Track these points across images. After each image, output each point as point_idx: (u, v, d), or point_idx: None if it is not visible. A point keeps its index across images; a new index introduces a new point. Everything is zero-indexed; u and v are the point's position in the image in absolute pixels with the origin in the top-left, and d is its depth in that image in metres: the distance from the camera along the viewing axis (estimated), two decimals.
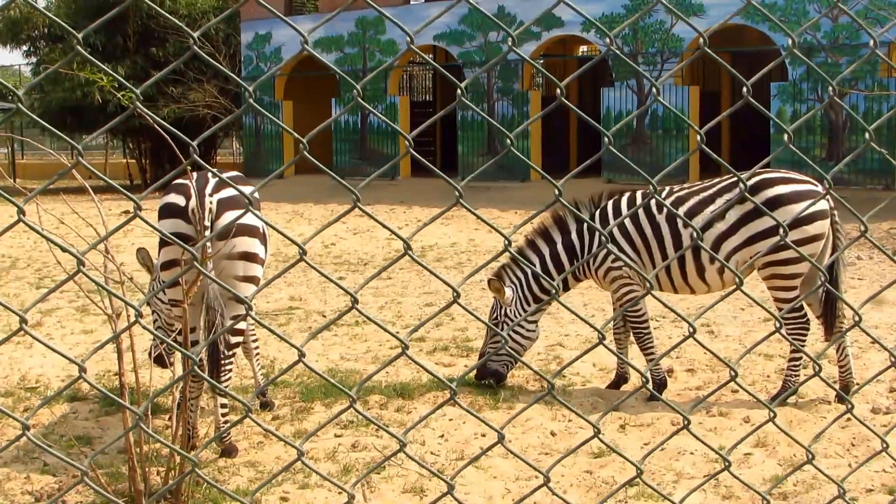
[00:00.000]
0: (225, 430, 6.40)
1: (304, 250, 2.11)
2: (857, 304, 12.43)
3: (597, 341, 2.60)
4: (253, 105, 2.07)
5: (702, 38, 2.41)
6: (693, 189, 8.79)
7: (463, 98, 2.38)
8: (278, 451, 7.55)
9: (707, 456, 7.27)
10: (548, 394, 2.60)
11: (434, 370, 8.71)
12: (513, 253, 3.08)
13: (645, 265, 8.74)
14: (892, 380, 9.13)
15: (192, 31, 7.99)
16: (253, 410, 1.97)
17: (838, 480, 6.71)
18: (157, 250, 7.45)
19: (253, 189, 3.72)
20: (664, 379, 9.03)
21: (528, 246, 9.15)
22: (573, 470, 7.06)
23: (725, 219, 8.45)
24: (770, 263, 8.43)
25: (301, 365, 8.30)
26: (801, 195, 8.34)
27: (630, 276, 8.75)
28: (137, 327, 10.83)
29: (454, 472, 6.94)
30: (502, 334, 2.58)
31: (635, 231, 8.78)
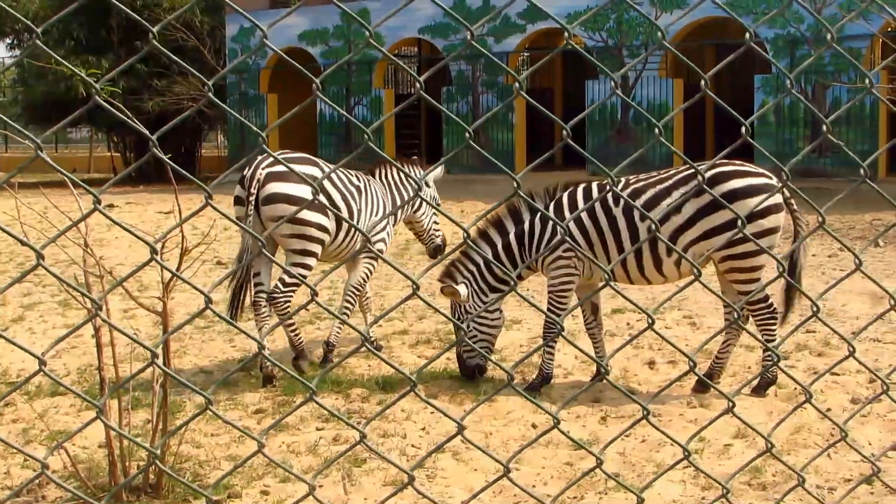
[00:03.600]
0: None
1: (263, 243, 2.11)
2: (840, 294, 12.47)
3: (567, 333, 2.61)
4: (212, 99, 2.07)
5: (661, 32, 2.41)
6: (649, 181, 8.76)
7: (422, 91, 2.38)
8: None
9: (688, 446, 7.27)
10: (507, 385, 2.61)
11: (393, 363, 8.73)
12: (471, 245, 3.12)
13: (598, 257, 8.71)
14: (872, 370, 9.16)
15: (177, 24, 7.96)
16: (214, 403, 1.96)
17: (812, 470, 6.75)
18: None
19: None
20: (551, 373, 9.00)
21: (481, 237, 9.10)
22: (553, 462, 7.08)
23: (682, 212, 8.44)
24: (728, 257, 8.45)
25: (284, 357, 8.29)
26: (756, 189, 8.35)
27: (573, 265, 8.74)
28: (121, 322, 10.84)
29: (431, 464, 6.96)
30: (462, 326, 2.58)
31: (590, 223, 8.74)
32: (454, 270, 9.07)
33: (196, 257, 6.75)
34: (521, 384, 9.03)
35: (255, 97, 37.79)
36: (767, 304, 8.54)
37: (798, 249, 8.65)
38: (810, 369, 9.28)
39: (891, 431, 7.61)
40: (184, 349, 10.41)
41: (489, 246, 8.99)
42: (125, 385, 6.85)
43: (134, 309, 11.64)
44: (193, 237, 7.76)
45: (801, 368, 9.31)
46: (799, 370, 9.25)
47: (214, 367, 9.86)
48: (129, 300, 8.73)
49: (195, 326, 11.34)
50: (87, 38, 37.23)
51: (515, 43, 31.59)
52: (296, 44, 36.45)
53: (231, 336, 11.12)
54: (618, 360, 9.62)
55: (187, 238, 6.42)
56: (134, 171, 39.35)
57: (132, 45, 37.30)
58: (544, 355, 8.93)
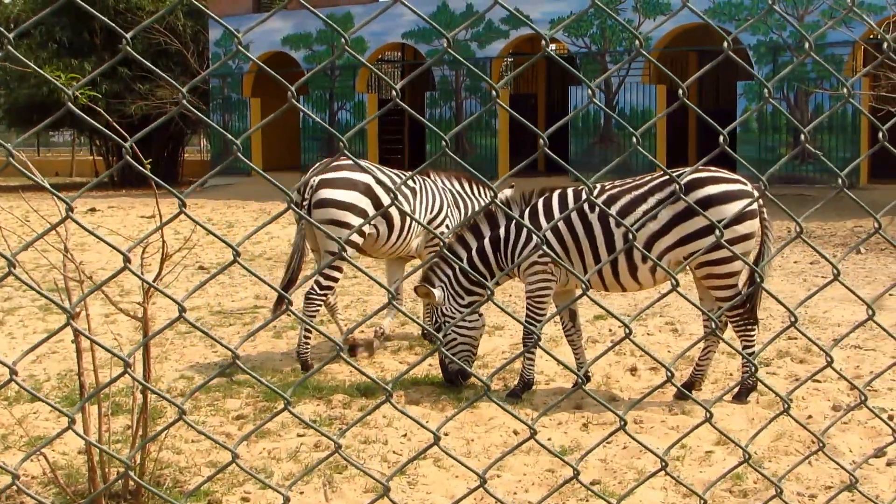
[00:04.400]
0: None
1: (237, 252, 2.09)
2: (822, 301, 12.49)
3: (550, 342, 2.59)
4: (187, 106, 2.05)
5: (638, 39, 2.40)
6: (625, 187, 8.76)
7: (398, 99, 2.37)
8: (240, 451, 7.52)
9: (669, 454, 7.27)
10: (483, 396, 2.59)
11: (367, 371, 8.71)
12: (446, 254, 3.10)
13: (574, 263, 8.70)
14: (854, 377, 9.17)
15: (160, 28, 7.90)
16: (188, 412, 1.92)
17: (794, 478, 6.75)
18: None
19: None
20: (532, 380, 9.00)
21: (458, 240, 9.10)
22: (535, 469, 7.07)
23: (658, 218, 8.44)
24: (704, 264, 8.46)
25: (266, 364, 8.27)
26: (731, 195, 8.36)
27: (550, 271, 8.73)
28: (102, 327, 10.80)
29: (412, 471, 6.94)
30: (438, 337, 2.57)
31: (566, 229, 8.73)
32: (431, 274, 9.06)
33: (177, 262, 6.72)
34: (502, 391, 9.03)
35: (238, 101, 37.75)
36: (746, 311, 8.54)
37: (763, 259, 8.67)
38: (791, 376, 9.29)
39: (871, 438, 7.61)
40: (165, 354, 10.36)
41: (464, 250, 8.98)
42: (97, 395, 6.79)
43: (115, 314, 11.60)
44: (176, 242, 7.73)
45: (783, 375, 9.32)
46: (780, 377, 9.26)
47: (196, 373, 9.81)
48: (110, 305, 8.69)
49: (176, 332, 11.30)
50: (70, 41, 37.17)
51: (499, 48, 31.62)
52: (279, 48, 36.43)
53: (212, 341, 11.08)
54: (600, 367, 9.61)
55: (169, 243, 6.39)
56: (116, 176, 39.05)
57: (115, 49, 37.13)
58: (525, 362, 8.92)
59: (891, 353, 10.03)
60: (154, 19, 2.30)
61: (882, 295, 3.12)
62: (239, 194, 32.05)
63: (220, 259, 18.06)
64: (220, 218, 26.35)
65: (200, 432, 2.50)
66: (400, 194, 10.41)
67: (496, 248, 8.91)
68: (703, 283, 8.70)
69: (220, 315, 12.78)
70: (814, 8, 25.35)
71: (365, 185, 10.01)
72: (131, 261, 2.18)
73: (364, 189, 10.01)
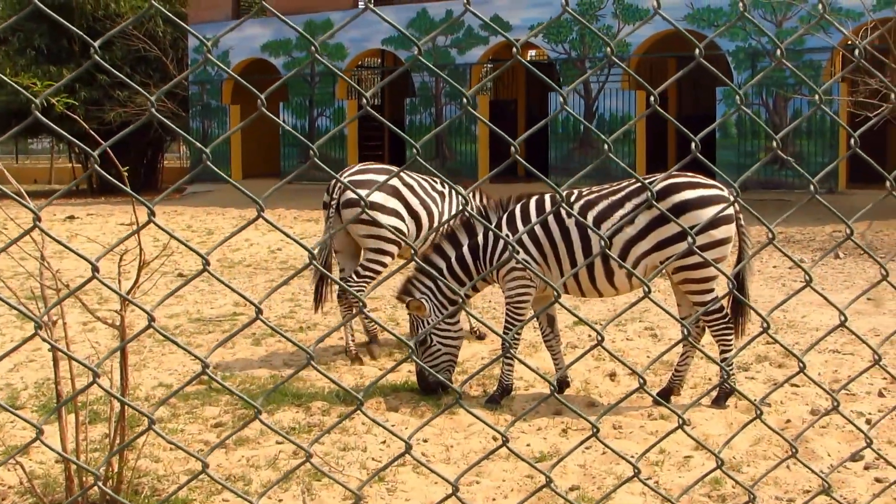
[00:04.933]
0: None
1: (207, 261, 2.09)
2: (800, 305, 12.53)
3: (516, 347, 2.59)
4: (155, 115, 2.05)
5: (609, 47, 2.41)
6: (602, 192, 8.78)
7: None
8: (219, 459, 7.50)
9: (647, 459, 7.28)
10: (455, 403, 2.59)
11: (338, 380, 8.70)
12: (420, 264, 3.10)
13: (551, 269, 8.72)
14: (832, 381, 9.20)
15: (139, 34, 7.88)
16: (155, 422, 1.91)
17: (772, 482, 6.77)
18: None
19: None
20: (511, 385, 9.00)
21: (436, 250, 9.10)
22: (514, 475, 7.06)
23: (635, 223, 8.46)
24: (681, 268, 8.48)
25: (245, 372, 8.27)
26: (707, 200, 8.40)
27: (528, 277, 8.73)
28: (81, 335, 10.76)
29: (391, 477, 6.93)
30: (410, 346, 2.56)
31: (543, 235, 8.75)
32: (412, 287, 9.05)
33: (155, 270, 6.70)
34: (481, 396, 9.03)
35: (218, 108, 37.67)
36: (722, 315, 8.56)
37: (744, 265, 8.70)
38: (770, 380, 9.31)
39: (849, 442, 7.63)
40: (143, 362, 10.33)
41: (443, 259, 8.98)
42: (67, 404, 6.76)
43: (93, 322, 11.56)
44: (155, 249, 7.71)
45: (761, 380, 9.34)
46: (759, 381, 9.28)
47: (175, 381, 9.78)
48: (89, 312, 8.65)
49: (155, 339, 11.26)
50: (48, 48, 37.06)
51: (479, 54, 31.63)
52: (259, 55, 36.37)
53: (192, 349, 11.03)
54: (579, 373, 9.61)
55: (149, 251, 6.37)
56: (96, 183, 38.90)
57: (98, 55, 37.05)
58: (504, 367, 8.92)
59: (869, 358, 10.06)
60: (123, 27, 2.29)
61: (855, 300, 3.13)
62: (219, 201, 31.99)
63: (199, 265, 17.97)
64: (199, 225, 26.30)
65: (170, 442, 2.49)
66: (429, 198, 10.85)
67: (475, 256, 8.91)
68: (680, 289, 8.71)
69: (199, 322, 12.74)
70: (792, 14, 25.44)
71: (392, 186, 10.54)
72: (99, 270, 2.17)
73: (391, 191, 10.57)
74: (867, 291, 3.08)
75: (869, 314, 12.20)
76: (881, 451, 7.45)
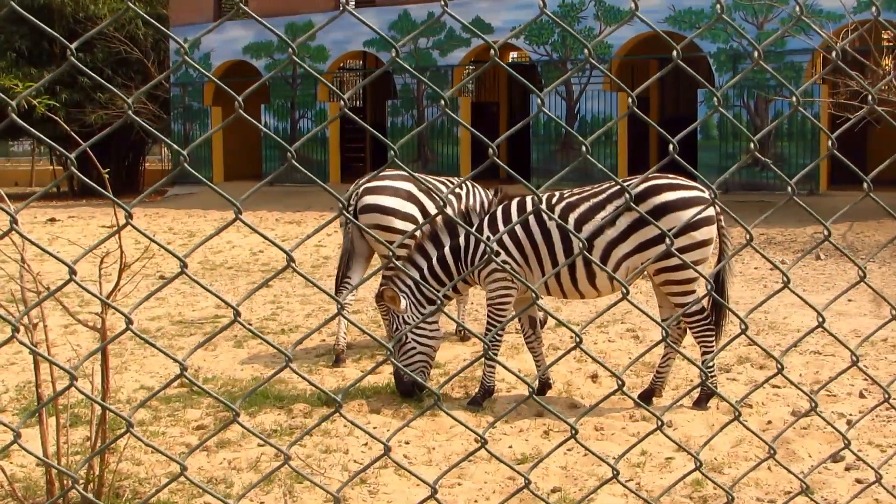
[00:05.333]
0: None
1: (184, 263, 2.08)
2: (781, 307, 12.56)
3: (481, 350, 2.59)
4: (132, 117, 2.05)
5: (588, 49, 2.41)
6: (584, 194, 8.80)
7: (447, 111, 2.37)
8: (200, 462, 7.49)
9: (629, 461, 7.29)
10: (434, 405, 2.59)
11: (318, 383, 8.68)
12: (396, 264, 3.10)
13: (533, 270, 8.73)
14: (813, 382, 9.23)
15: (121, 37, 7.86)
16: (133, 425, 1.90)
17: (753, 483, 6.79)
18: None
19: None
20: (493, 387, 9.01)
21: (417, 250, 9.11)
22: (496, 476, 7.07)
23: (616, 225, 8.47)
24: (662, 270, 8.50)
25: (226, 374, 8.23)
26: (688, 202, 8.42)
27: (510, 278, 8.73)
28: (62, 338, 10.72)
29: (373, 479, 6.93)
30: (388, 347, 2.56)
31: (525, 236, 8.76)
32: (393, 283, 9.05)
33: (136, 272, 6.68)
34: (464, 398, 9.03)
35: (200, 110, 37.59)
36: (704, 317, 8.57)
37: (724, 267, 8.73)
38: (752, 382, 9.33)
39: (830, 444, 7.65)
40: (125, 365, 10.31)
41: (425, 259, 8.99)
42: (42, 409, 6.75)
43: (75, 325, 11.52)
44: (137, 251, 7.69)
45: (743, 381, 9.36)
46: (741, 383, 9.30)
47: (157, 383, 9.76)
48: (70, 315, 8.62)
49: (136, 342, 11.24)
50: (29, 50, 36.95)
51: (460, 56, 31.62)
52: (240, 56, 36.32)
53: (173, 352, 11.03)
54: (561, 374, 9.62)
55: (131, 253, 6.36)
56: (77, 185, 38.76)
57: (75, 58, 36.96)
58: (486, 369, 8.92)
59: (849, 359, 10.08)
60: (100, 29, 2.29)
61: (833, 301, 3.14)
62: (200, 203, 31.94)
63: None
64: (181, 227, 26.25)
65: (148, 445, 2.48)
66: (445, 200, 10.68)
67: (457, 257, 8.92)
68: (661, 290, 8.73)
69: (181, 325, 12.72)
70: (773, 16, 25.51)
71: (407, 192, 10.70)
72: (76, 272, 2.16)
73: (406, 195, 10.71)
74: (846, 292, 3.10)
75: (850, 315, 12.24)
76: (861, 452, 7.49)
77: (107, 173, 5.87)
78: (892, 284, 13.64)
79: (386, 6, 32.94)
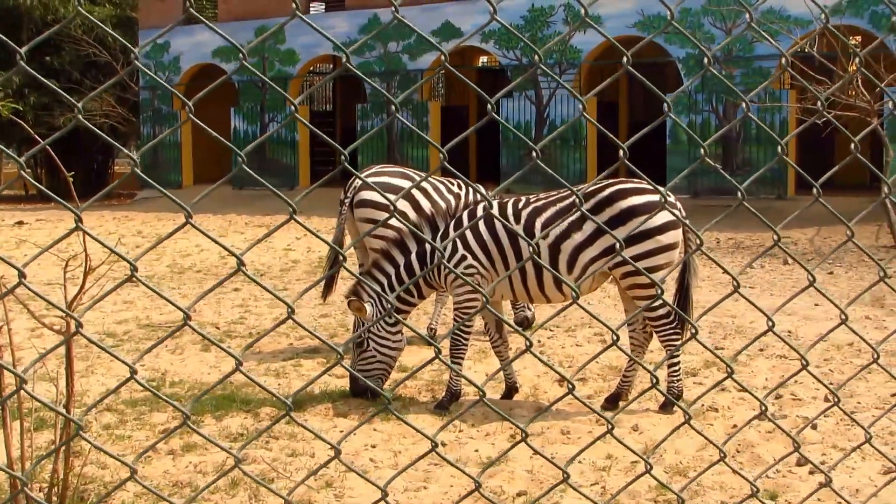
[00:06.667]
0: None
1: (134, 267, 2.09)
2: (749, 311, 12.62)
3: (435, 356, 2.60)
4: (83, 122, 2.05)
5: (538, 55, 2.42)
6: (550, 199, 8.83)
7: (397, 115, 2.38)
8: (166, 465, 7.48)
9: (595, 465, 7.32)
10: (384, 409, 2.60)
11: (267, 386, 8.68)
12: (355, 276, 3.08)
13: (499, 274, 8.75)
14: (778, 386, 9.25)
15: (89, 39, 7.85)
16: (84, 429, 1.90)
17: (717, 486, 6.81)
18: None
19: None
20: (460, 391, 9.03)
21: (384, 257, 9.10)
22: (462, 480, 7.07)
23: (583, 229, 8.50)
24: (628, 274, 8.53)
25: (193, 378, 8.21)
26: (653, 206, 8.47)
27: (478, 283, 8.74)
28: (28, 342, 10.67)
29: (338, 482, 6.92)
30: (338, 351, 2.56)
31: (492, 242, 8.77)
32: (360, 290, 9.03)
33: (102, 274, 6.66)
34: (430, 402, 9.04)
35: (169, 114, 37.49)
36: (670, 321, 8.61)
37: (689, 270, 8.75)
38: (718, 386, 9.36)
39: None
40: (91, 368, 10.27)
41: (392, 266, 8.99)
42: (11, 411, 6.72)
43: (41, 328, 11.47)
44: (105, 253, 7.66)
45: (709, 385, 9.40)
46: (707, 387, 9.33)
47: (123, 387, 9.71)
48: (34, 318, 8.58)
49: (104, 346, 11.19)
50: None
51: (430, 60, 31.64)
52: (209, 60, 36.24)
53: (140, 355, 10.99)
54: (528, 378, 9.64)
55: (99, 256, 6.34)
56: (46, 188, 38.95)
57: (43, 61, 36.88)
58: (451, 373, 8.93)
59: (815, 363, 10.14)
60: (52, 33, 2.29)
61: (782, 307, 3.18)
62: (170, 207, 31.82)
63: (149, 272, 17.93)
64: (150, 231, 26.18)
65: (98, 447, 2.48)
66: (443, 200, 10.96)
67: (423, 263, 8.93)
68: (627, 294, 8.76)
69: (149, 328, 12.69)
70: (741, 21, 25.62)
71: (403, 189, 10.68)
72: (26, 276, 2.16)
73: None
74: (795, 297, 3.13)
75: (817, 320, 12.32)
76: (826, 455, 7.53)
77: (71, 176, 5.85)
78: (857, 288, 13.71)
79: (356, 10, 32.94)
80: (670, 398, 8.38)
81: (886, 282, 3.24)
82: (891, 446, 7.71)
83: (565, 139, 29.33)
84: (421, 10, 30.84)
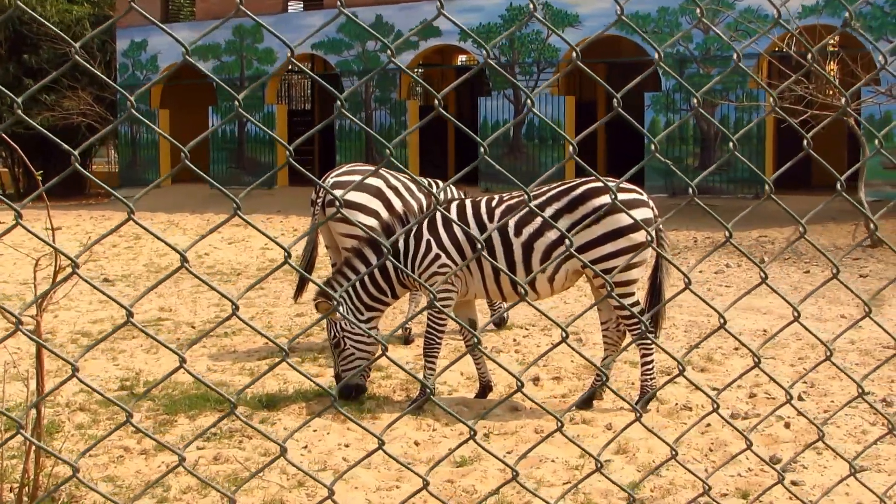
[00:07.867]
0: None
1: (76, 264, 2.07)
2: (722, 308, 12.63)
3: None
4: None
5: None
6: (523, 197, 8.83)
7: (343, 110, 2.37)
8: (139, 465, 7.45)
9: (567, 464, 7.32)
10: (330, 406, 2.59)
11: (211, 384, 8.65)
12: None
13: (473, 273, 8.75)
14: (753, 385, 9.29)
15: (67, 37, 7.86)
16: (24, 427, 1.88)
17: (689, 485, 6.82)
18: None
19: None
20: (433, 390, 9.04)
21: (357, 255, 9.09)
22: (435, 479, 7.06)
23: None
24: (601, 272, 8.54)
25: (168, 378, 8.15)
26: (627, 204, 8.49)
27: (451, 282, 8.73)
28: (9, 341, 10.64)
29: (311, 482, 6.91)
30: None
31: (465, 239, 8.77)
32: (331, 289, 9.01)
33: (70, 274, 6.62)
34: (405, 401, 9.03)
35: (147, 113, 37.37)
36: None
37: (661, 269, 8.76)
38: (691, 385, 9.37)
39: (767, 446, 7.72)
40: (64, 368, 10.22)
41: (364, 265, 8.97)
42: None
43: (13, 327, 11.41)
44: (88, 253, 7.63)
45: (683, 384, 9.40)
46: (681, 385, 9.33)
47: (96, 386, 9.67)
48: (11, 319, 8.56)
49: (77, 345, 11.17)
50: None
51: (409, 59, 31.62)
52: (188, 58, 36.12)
53: (114, 354, 10.98)
54: (503, 377, 9.63)
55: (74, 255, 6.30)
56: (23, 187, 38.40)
57: (21, 59, 36.75)
58: (426, 372, 8.92)
59: (790, 362, 10.18)
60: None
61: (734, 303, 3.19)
62: (148, 206, 31.73)
63: (126, 271, 17.87)
64: (127, 230, 26.01)
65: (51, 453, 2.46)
66: (414, 199, 11.01)
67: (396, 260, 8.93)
68: (600, 293, 8.77)
69: (124, 327, 12.63)
70: (719, 21, 25.66)
71: (375, 188, 10.82)
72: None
73: (374, 192, 10.84)
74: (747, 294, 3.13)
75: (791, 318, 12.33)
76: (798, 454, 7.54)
77: (39, 175, 5.83)
78: (833, 286, 13.73)
79: (334, 8, 32.85)
80: (629, 401, 8.38)
81: (839, 279, 3.25)
82: (862, 444, 7.73)
83: (543, 139, 29.35)
84: (399, 9, 30.83)
